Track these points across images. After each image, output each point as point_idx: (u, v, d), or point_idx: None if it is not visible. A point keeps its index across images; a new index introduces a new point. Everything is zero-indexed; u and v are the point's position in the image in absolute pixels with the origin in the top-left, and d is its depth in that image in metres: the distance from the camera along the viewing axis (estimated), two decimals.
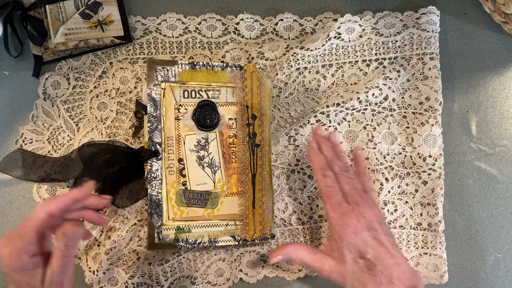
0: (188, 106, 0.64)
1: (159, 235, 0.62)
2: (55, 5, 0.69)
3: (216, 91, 0.65)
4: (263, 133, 0.65)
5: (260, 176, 0.65)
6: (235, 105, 0.66)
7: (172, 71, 0.63)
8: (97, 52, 0.71)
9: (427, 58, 0.69)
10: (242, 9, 0.74)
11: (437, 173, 0.67)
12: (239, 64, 0.66)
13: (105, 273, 0.65)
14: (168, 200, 0.62)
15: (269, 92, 0.67)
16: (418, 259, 0.67)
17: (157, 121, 0.63)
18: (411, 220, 0.68)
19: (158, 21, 0.73)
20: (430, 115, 0.68)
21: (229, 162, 0.65)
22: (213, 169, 0.64)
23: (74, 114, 0.70)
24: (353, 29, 0.70)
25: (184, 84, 0.64)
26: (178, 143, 0.63)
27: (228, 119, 0.65)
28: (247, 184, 0.64)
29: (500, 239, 0.69)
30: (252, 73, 0.65)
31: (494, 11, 0.70)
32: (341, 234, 0.54)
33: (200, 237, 0.63)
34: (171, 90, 0.63)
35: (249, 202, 0.64)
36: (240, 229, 0.64)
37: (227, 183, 0.65)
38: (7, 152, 0.69)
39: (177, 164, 0.63)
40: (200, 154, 0.64)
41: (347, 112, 0.69)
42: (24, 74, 0.71)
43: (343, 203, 0.56)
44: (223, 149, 0.65)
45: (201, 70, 0.64)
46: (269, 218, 0.65)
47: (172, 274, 0.67)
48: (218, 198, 0.64)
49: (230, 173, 0.65)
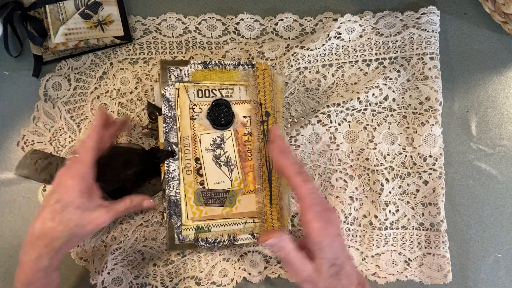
0: (202, 105, 0.64)
1: (179, 235, 0.62)
2: (55, 5, 0.68)
3: (229, 90, 0.65)
4: None
5: (276, 173, 0.65)
6: (248, 103, 0.66)
7: (185, 71, 0.63)
8: (97, 52, 0.71)
9: (427, 58, 0.69)
10: (242, 9, 0.74)
11: (437, 172, 0.68)
12: (251, 62, 0.66)
13: (109, 273, 0.65)
14: (187, 200, 0.62)
15: (281, 89, 0.67)
16: (421, 259, 0.67)
17: (173, 121, 0.63)
18: (413, 221, 0.68)
19: (158, 21, 0.73)
20: (430, 115, 0.68)
21: (245, 160, 0.65)
22: (229, 167, 0.65)
23: (75, 115, 0.70)
24: (353, 29, 0.70)
25: (198, 83, 0.64)
26: (194, 142, 0.64)
27: (243, 117, 0.65)
28: (264, 181, 0.65)
29: (500, 239, 0.69)
30: (264, 70, 0.66)
31: (494, 11, 0.70)
32: (322, 246, 0.50)
33: (220, 236, 0.63)
34: (185, 90, 0.63)
35: (267, 199, 0.65)
36: (259, 227, 0.65)
37: (244, 181, 0.65)
38: (7, 153, 0.69)
39: (194, 163, 0.63)
40: (216, 152, 0.64)
41: (347, 113, 0.69)
42: (24, 74, 0.71)
43: (324, 211, 0.51)
44: (239, 147, 0.65)
45: (213, 69, 0.65)
46: (287, 214, 0.65)
47: (176, 274, 0.67)
48: (236, 196, 0.65)
49: (246, 171, 0.65)
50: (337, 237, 0.51)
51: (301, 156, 0.70)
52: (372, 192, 0.69)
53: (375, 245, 0.68)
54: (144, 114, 0.69)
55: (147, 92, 0.70)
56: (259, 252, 0.68)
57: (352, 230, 0.69)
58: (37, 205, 0.68)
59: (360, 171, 0.69)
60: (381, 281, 0.68)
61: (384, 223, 0.68)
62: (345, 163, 0.69)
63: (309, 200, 0.51)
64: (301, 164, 0.57)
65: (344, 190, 0.69)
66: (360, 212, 0.69)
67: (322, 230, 0.50)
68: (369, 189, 0.69)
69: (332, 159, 0.70)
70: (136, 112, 0.69)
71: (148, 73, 0.71)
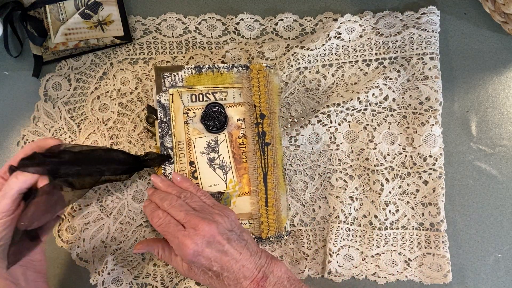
0: (196, 109, 0.64)
1: None
2: (55, 5, 0.68)
3: (223, 93, 0.65)
4: (273, 132, 0.66)
5: (272, 175, 0.65)
6: (243, 105, 0.66)
7: (179, 76, 0.64)
8: (97, 52, 0.71)
9: (427, 58, 0.69)
10: (242, 9, 0.74)
11: (437, 172, 0.68)
12: (245, 64, 0.66)
13: (109, 274, 0.65)
14: None
15: (277, 90, 0.67)
16: (421, 259, 0.67)
17: (167, 126, 0.64)
18: (413, 220, 0.68)
19: (158, 21, 0.73)
20: (430, 115, 0.68)
21: (240, 162, 0.65)
22: (224, 170, 0.65)
23: (75, 116, 0.70)
24: (353, 29, 0.70)
25: (192, 88, 0.64)
26: (189, 146, 0.64)
27: (237, 119, 0.66)
28: (259, 183, 0.65)
29: (500, 239, 0.69)
30: (258, 72, 0.66)
31: (494, 11, 0.70)
32: (184, 259, 0.57)
33: None
34: (179, 95, 0.64)
35: (262, 201, 0.65)
36: (255, 228, 0.65)
37: (239, 183, 0.65)
38: (7, 153, 0.69)
39: (188, 167, 0.64)
40: (211, 156, 0.65)
41: (347, 113, 0.69)
42: (24, 74, 0.71)
43: (177, 232, 0.56)
44: (233, 150, 0.65)
45: (207, 73, 0.65)
46: (284, 215, 0.66)
47: (176, 274, 0.67)
48: (231, 198, 0.65)
49: (241, 173, 0.65)
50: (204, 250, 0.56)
51: (301, 156, 0.70)
52: (372, 192, 0.69)
53: (375, 245, 0.68)
54: (144, 114, 0.69)
55: (147, 93, 0.70)
56: None
57: (352, 230, 0.69)
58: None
59: (360, 171, 0.69)
60: (381, 281, 0.68)
61: (384, 223, 0.68)
62: (345, 163, 0.69)
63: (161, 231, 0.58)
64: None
65: (344, 190, 0.69)
66: (360, 212, 0.69)
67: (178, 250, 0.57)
68: (369, 189, 0.69)
69: (332, 159, 0.70)
70: (136, 113, 0.69)
71: (148, 73, 0.71)
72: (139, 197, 0.68)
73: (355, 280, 0.68)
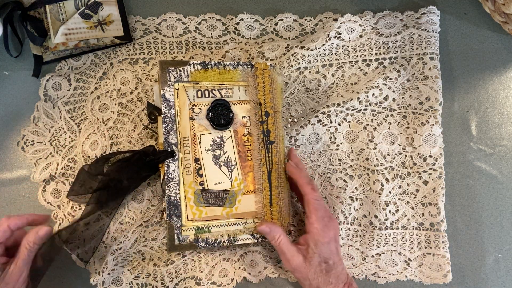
0: (202, 105, 0.64)
1: (179, 236, 0.62)
2: (55, 5, 0.68)
3: (229, 90, 0.65)
4: (277, 130, 0.66)
5: (276, 173, 0.65)
6: (248, 103, 0.66)
7: (184, 71, 0.63)
8: (97, 52, 0.71)
9: (427, 58, 0.69)
10: (242, 9, 0.74)
11: (437, 172, 0.68)
12: (250, 62, 0.66)
13: (110, 274, 0.65)
14: (187, 200, 0.62)
15: (280, 89, 0.67)
16: (421, 259, 0.67)
17: (172, 121, 0.63)
18: (413, 220, 0.68)
19: (158, 21, 0.73)
20: (430, 115, 0.68)
21: (245, 160, 0.65)
22: (229, 167, 0.65)
23: (75, 116, 0.70)
24: (353, 29, 0.70)
25: (197, 83, 0.64)
26: (194, 143, 0.64)
27: (242, 117, 0.65)
28: (263, 182, 0.65)
29: (500, 239, 0.69)
30: (263, 70, 0.66)
31: (494, 11, 0.70)
32: (318, 244, 0.60)
33: (220, 237, 0.63)
34: (184, 90, 0.63)
35: (266, 200, 0.65)
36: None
37: (244, 181, 0.65)
38: (7, 153, 0.69)
39: (194, 164, 0.63)
40: (216, 153, 0.64)
41: (347, 113, 0.69)
42: (24, 74, 0.71)
43: (325, 217, 0.61)
44: (239, 147, 0.65)
45: (213, 69, 0.64)
46: (287, 214, 0.65)
47: (177, 275, 0.67)
48: (236, 197, 0.65)
49: (246, 171, 0.65)
50: (333, 241, 0.61)
51: (301, 156, 0.70)
52: (372, 192, 0.69)
53: (375, 245, 0.68)
54: (144, 114, 0.69)
55: (147, 93, 0.70)
56: (259, 252, 0.68)
57: (352, 230, 0.69)
58: (37, 205, 0.68)
59: (360, 171, 0.69)
60: (381, 281, 0.68)
61: (384, 223, 0.68)
62: (345, 163, 0.69)
63: (315, 205, 0.61)
64: (311, 178, 0.68)
65: (344, 190, 0.69)
66: (360, 212, 0.69)
67: (321, 231, 0.60)
68: (369, 189, 0.69)
69: (332, 159, 0.70)
70: (136, 113, 0.69)
71: (148, 73, 0.71)
72: (139, 197, 0.68)
73: (355, 280, 0.68)
